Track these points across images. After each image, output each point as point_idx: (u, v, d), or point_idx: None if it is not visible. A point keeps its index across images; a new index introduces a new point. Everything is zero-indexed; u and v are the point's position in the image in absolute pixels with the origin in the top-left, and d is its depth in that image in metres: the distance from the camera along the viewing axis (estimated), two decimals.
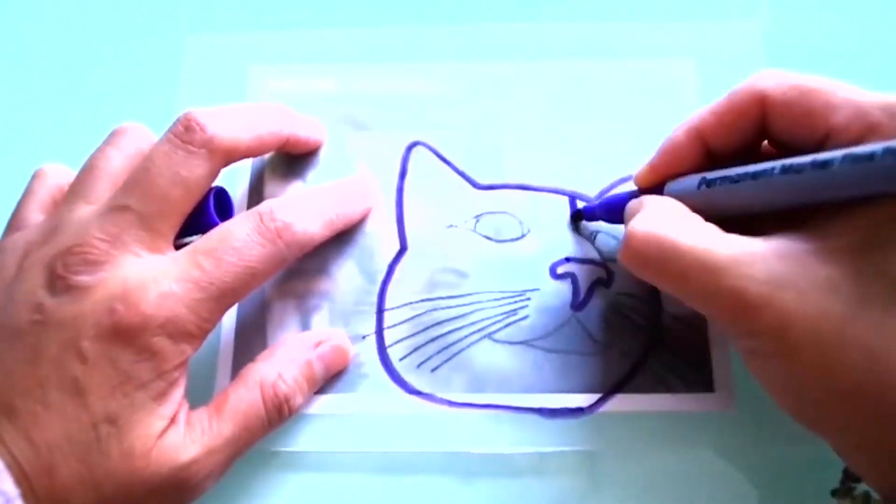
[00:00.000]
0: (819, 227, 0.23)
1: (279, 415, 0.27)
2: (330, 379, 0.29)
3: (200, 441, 0.25)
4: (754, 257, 0.22)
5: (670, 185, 0.27)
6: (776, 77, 0.25)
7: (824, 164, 0.22)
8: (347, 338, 0.30)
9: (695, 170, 0.26)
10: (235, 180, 0.33)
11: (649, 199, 0.26)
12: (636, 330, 0.30)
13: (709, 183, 0.25)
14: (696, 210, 0.25)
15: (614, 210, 0.29)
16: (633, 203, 0.27)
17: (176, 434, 0.25)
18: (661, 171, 0.27)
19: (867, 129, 0.22)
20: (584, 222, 0.31)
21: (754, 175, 0.24)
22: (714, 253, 0.23)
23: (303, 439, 0.29)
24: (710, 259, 0.22)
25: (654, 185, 0.27)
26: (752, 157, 0.25)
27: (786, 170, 0.23)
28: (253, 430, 0.27)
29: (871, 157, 0.21)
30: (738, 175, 0.24)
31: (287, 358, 0.28)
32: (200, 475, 0.25)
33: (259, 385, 0.27)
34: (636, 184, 0.28)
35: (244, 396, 0.27)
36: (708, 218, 0.25)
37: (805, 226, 0.23)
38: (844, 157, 0.21)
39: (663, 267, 0.24)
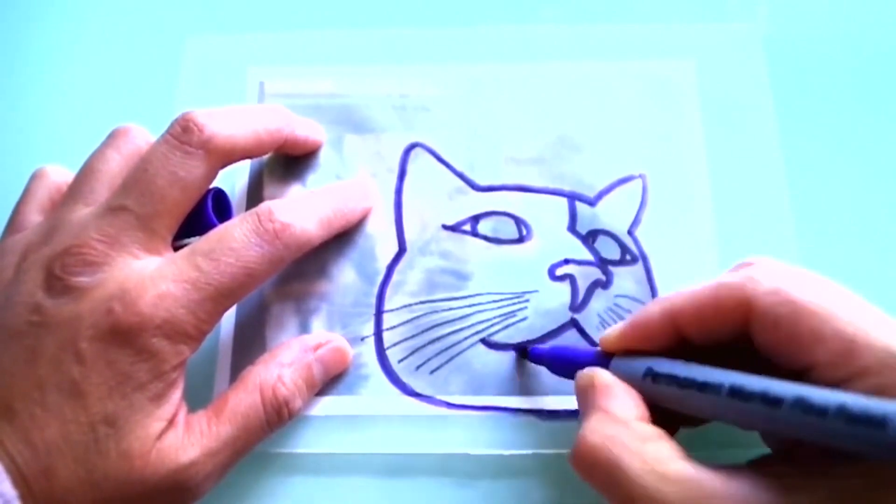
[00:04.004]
0: (791, 478, 0.20)
1: (279, 417, 0.27)
2: (329, 381, 0.29)
3: (199, 443, 0.25)
4: (707, 502, 0.20)
5: (617, 363, 0.25)
6: (770, 281, 0.22)
7: (774, 402, 0.20)
8: (346, 340, 0.30)
9: (666, 348, 0.24)
10: (234, 181, 0.33)
11: (602, 392, 0.24)
12: None
13: (654, 377, 0.23)
14: (642, 394, 0.24)
15: (564, 365, 0.27)
16: (583, 376, 0.25)
17: (174, 436, 0.25)
18: (630, 343, 0.25)
19: (854, 374, 0.20)
20: (526, 360, 0.29)
21: (701, 387, 0.22)
22: (662, 491, 0.20)
23: (302, 441, 0.29)
24: (658, 496, 0.20)
25: (620, 353, 0.25)
26: (731, 353, 0.23)
27: (734, 393, 0.21)
28: (252, 432, 0.26)
29: (823, 412, 0.19)
30: (685, 380, 0.22)
31: (287, 361, 0.28)
32: (199, 477, 0.25)
33: (259, 388, 0.27)
34: (602, 346, 0.26)
35: (244, 399, 0.26)
36: (655, 404, 0.23)
37: (778, 466, 0.22)
38: (795, 402, 0.20)
39: (609, 488, 0.22)
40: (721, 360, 0.23)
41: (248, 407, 0.26)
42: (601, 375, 0.25)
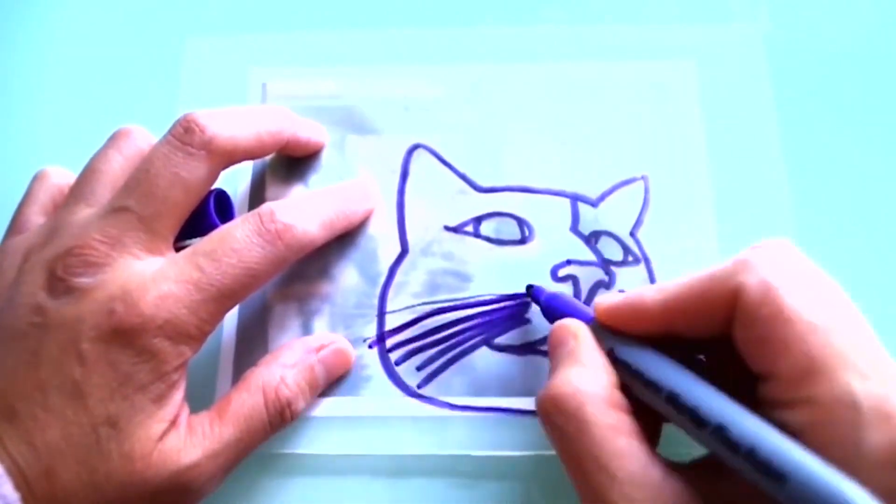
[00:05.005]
0: (709, 484, 0.21)
1: (281, 419, 0.27)
2: (332, 382, 0.29)
3: (201, 444, 0.25)
4: (639, 490, 0.20)
5: (592, 329, 0.25)
6: (763, 271, 0.21)
7: (699, 423, 0.21)
8: (349, 341, 0.30)
9: (656, 333, 0.24)
10: (237, 182, 0.33)
11: (583, 348, 0.24)
12: None
13: (614, 360, 0.24)
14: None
15: (553, 315, 0.27)
16: (566, 326, 0.25)
17: (176, 437, 0.25)
18: (619, 321, 0.24)
19: (805, 400, 0.19)
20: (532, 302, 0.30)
21: (646, 383, 0.22)
22: (612, 463, 0.21)
23: (304, 442, 0.29)
24: (609, 465, 0.21)
25: (609, 323, 0.25)
26: (719, 347, 0.23)
27: (669, 400, 0.21)
28: (255, 434, 0.26)
29: (735, 447, 0.19)
30: (635, 372, 0.23)
31: (289, 362, 0.28)
32: (202, 479, 0.25)
33: (261, 389, 0.27)
34: (595, 310, 0.25)
35: (246, 400, 0.26)
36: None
37: (704, 471, 0.22)
38: (715, 430, 0.20)
39: (566, 440, 0.22)
40: (708, 350, 0.23)
41: (251, 408, 0.26)
42: (585, 334, 0.25)
